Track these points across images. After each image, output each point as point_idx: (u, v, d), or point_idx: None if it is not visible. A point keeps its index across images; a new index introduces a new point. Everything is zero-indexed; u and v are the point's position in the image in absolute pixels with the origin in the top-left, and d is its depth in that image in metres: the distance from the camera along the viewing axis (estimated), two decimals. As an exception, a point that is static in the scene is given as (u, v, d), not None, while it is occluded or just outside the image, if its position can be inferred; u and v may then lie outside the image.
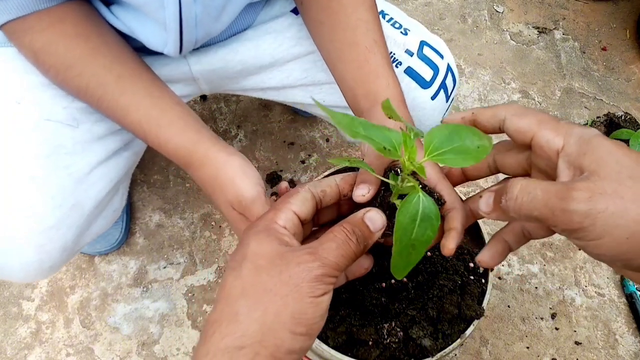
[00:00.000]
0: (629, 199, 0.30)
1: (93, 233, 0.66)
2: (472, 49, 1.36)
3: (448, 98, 0.73)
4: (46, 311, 0.96)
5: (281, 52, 0.70)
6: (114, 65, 0.55)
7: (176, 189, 1.10)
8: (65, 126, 0.60)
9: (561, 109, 1.27)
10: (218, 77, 0.73)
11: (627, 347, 0.98)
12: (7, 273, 0.59)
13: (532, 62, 1.34)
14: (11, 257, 0.56)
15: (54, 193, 0.57)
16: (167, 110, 0.56)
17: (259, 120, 1.20)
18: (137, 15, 0.58)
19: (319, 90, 0.73)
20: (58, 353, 0.92)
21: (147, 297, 0.98)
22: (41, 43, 0.53)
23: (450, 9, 1.42)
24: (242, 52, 0.69)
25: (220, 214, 0.51)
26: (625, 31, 1.42)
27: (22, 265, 0.58)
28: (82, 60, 0.54)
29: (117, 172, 0.66)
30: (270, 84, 0.74)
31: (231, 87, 0.76)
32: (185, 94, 0.75)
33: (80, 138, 0.61)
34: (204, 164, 0.54)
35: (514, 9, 1.43)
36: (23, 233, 0.55)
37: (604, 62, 1.36)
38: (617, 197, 0.30)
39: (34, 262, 0.58)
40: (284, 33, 0.69)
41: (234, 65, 0.70)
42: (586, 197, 0.30)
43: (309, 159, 1.15)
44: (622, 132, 0.99)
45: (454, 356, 0.95)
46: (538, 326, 0.99)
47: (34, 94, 0.58)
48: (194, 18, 0.56)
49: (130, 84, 0.55)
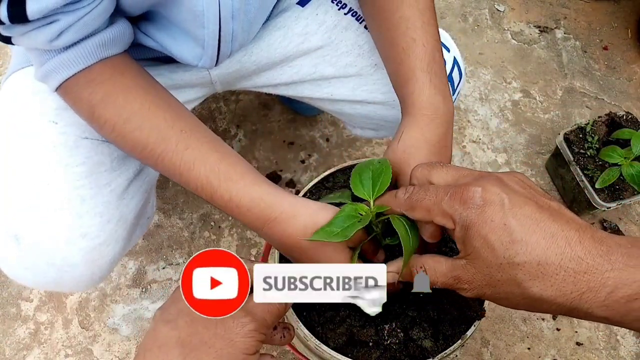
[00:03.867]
0: (498, 286, 0.39)
1: (133, 242, 0.69)
2: (473, 48, 1.35)
3: (454, 91, 0.73)
4: (45, 312, 0.95)
5: (291, 49, 0.70)
6: (175, 120, 0.52)
7: (175, 189, 1.09)
8: (102, 143, 0.61)
9: (562, 108, 1.27)
10: (233, 79, 0.73)
11: (628, 347, 0.98)
12: (59, 287, 0.61)
13: (533, 62, 1.34)
14: (65, 273, 0.58)
15: (101, 210, 0.59)
16: (236, 165, 0.53)
17: (258, 120, 1.19)
18: (172, 33, 0.58)
19: (327, 84, 0.73)
20: (57, 354, 0.92)
21: (146, 298, 0.97)
22: (101, 95, 0.51)
23: (451, 7, 1.42)
24: (256, 53, 0.69)
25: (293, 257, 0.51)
26: (627, 30, 1.41)
27: (74, 279, 0.60)
28: (142, 113, 0.51)
29: (149, 182, 0.68)
30: (280, 80, 0.74)
31: (243, 85, 0.77)
32: (201, 95, 0.76)
33: (116, 154, 0.62)
34: (295, 215, 0.50)
35: (515, 8, 1.43)
36: (76, 251, 0.57)
37: (605, 62, 1.36)
38: (489, 286, 0.40)
39: (86, 276, 0.60)
40: (293, 29, 0.69)
41: (248, 66, 0.70)
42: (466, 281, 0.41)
43: (309, 158, 1.15)
44: (624, 131, 0.99)
45: (454, 357, 0.95)
46: (539, 327, 0.99)
47: (69, 113, 0.58)
48: (230, 34, 0.57)
49: (194, 139, 0.52)
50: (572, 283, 0.36)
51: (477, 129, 1.22)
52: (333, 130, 1.19)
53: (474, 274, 0.40)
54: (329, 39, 0.70)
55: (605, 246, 0.36)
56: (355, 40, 0.70)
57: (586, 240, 0.37)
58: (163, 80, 0.67)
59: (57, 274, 0.58)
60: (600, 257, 0.36)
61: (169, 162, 0.51)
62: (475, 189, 0.40)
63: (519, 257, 0.37)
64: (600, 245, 0.37)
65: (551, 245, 0.37)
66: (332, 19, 0.69)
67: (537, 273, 0.37)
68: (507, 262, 0.38)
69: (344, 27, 0.70)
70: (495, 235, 0.38)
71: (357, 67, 0.71)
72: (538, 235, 0.37)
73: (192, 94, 0.73)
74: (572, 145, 1.04)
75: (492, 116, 1.25)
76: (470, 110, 1.25)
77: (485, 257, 0.39)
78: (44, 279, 0.59)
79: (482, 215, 0.39)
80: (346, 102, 0.74)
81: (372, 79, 0.71)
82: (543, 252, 0.37)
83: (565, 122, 1.24)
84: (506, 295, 0.39)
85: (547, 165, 1.17)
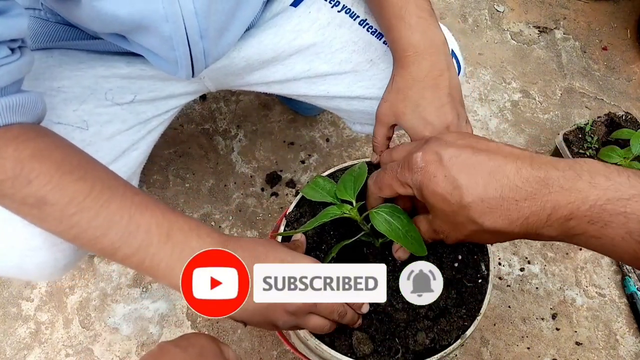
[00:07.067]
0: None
1: None
2: (473, 49, 1.35)
3: None
4: (45, 311, 0.96)
5: (282, 46, 0.70)
6: (113, 174, 0.51)
7: (176, 189, 1.09)
8: (76, 129, 0.61)
9: (562, 108, 1.27)
10: (222, 75, 0.73)
11: (627, 347, 0.98)
12: (23, 273, 0.60)
13: (532, 62, 1.34)
14: (27, 258, 0.57)
15: None
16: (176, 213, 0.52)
17: (258, 120, 1.19)
18: (145, 52, 0.60)
19: (322, 82, 0.73)
20: (57, 353, 0.92)
21: (146, 298, 0.98)
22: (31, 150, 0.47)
23: (450, 8, 1.42)
24: (245, 49, 0.69)
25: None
26: (626, 31, 1.42)
27: (37, 265, 0.58)
28: (84, 167, 0.49)
29: (126, 171, 0.67)
30: (274, 78, 0.74)
31: (236, 83, 0.77)
32: (191, 91, 0.75)
33: (90, 140, 0.62)
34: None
35: (515, 9, 1.43)
36: (37, 234, 0.55)
37: (604, 62, 1.36)
38: (457, 231, 0.46)
39: (49, 261, 0.58)
40: (284, 27, 0.69)
41: (237, 62, 0.70)
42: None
43: (309, 159, 1.15)
44: (623, 131, 0.99)
45: (454, 356, 0.95)
46: (539, 327, 0.99)
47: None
48: (202, 52, 0.58)
49: (138, 190, 0.51)
50: (515, 210, 0.40)
51: (477, 129, 1.23)
52: (333, 130, 1.19)
53: (441, 223, 0.46)
54: (322, 36, 0.70)
55: (543, 171, 0.40)
56: (350, 36, 0.70)
57: (524, 169, 0.41)
58: (149, 71, 0.67)
59: (19, 259, 0.57)
60: (537, 183, 0.40)
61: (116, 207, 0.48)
62: (417, 154, 0.45)
63: (465, 199, 0.42)
64: (538, 172, 0.40)
65: (490, 181, 0.41)
66: (325, 16, 0.70)
67: (484, 209, 0.41)
68: (458, 207, 0.42)
69: (338, 24, 0.70)
70: (441, 187, 0.43)
71: (352, 63, 0.71)
72: (476, 176, 0.42)
73: (180, 87, 0.73)
74: (572, 145, 1.04)
75: (492, 116, 1.25)
76: (470, 111, 1.25)
77: (442, 207, 0.44)
78: (6, 263, 0.57)
79: (426, 175, 0.44)
80: (343, 98, 0.74)
81: (367, 74, 0.71)
82: (483, 190, 0.41)
83: (564, 122, 1.25)
84: (473, 233, 0.44)
85: (547, 166, 1.17)
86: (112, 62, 0.66)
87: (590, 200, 0.37)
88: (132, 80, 0.67)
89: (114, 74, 0.66)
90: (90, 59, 0.65)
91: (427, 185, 0.44)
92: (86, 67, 0.65)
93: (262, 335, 0.95)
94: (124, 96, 0.67)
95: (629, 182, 0.37)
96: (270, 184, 1.10)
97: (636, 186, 0.36)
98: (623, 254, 0.37)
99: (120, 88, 0.66)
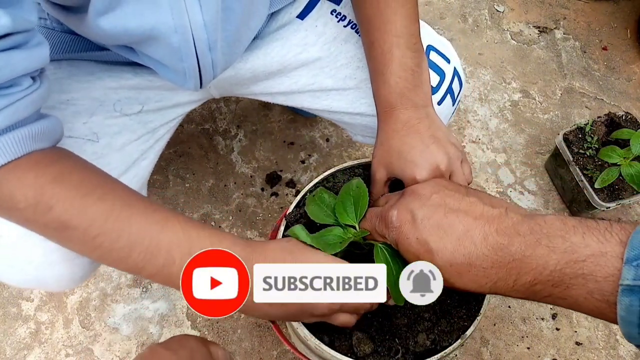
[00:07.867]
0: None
1: None
2: (473, 49, 1.35)
3: (454, 101, 0.73)
4: (45, 311, 0.96)
5: (289, 59, 0.70)
6: (134, 192, 0.51)
7: (175, 189, 1.09)
8: (87, 142, 0.61)
9: (562, 108, 1.27)
10: (228, 84, 0.73)
11: (627, 347, 0.98)
12: (41, 285, 0.61)
13: (532, 62, 1.34)
14: (45, 271, 0.58)
15: None
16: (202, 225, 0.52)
17: (258, 120, 1.19)
18: (153, 63, 0.59)
19: (325, 96, 0.73)
20: (57, 353, 0.92)
21: (146, 298, 0.98)
22: (52, 175, 0.47)
23: (450, 8, 1.42)
24: (252, 61, 0.69)
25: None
26: (626, 31, 1.42)
27: (55, 278, 0.59)
28: (102, 187, 0.49)
29: (137, 181, 0.68)
30: (278, 90, 0.74)
31: (240, 92, 0.77)
32: (197, 99, 0.76)
33: (101, 152, 0.62)
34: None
35: (515, 9, 1.43)
36: (54, 249, 0.56)
37: (604, 62, 1.36)
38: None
39: (66, 274, 0.59)
40: (291, 40, 0.69)
41: (243, 73, 0.70)
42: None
43: (309, 159, 1.15)
44: (623, 132, 0.99)
45: (454, 356, 0.95)
46: (539, 326, 0.99)
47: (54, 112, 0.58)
48: (210, 64, 0.58)
49: (157, 206, 0.51)
50: (483, 277, 0.42)
51: (477, 129, 1.23)
52: (333, 130, 1.19)
53: None
54: (328, 51, 0.70)
55: (507, 238, 0.41)
56: (355, 52, 0.70)
57: (490, 237, 0.42)
58: (157, 82, 0.67)
59: (36, 272, 0.58)
60: (501, 250, 0.41)
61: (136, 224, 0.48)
62: (392, 213, 0.47)
63: (436, 262, 0.44)
64: (502, 239, 0.41)
65: (458, 247, 0.42)
66: (331, 31, 0.70)
67: (453, 272, 0.43)
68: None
69: (344, 39, 0.70)
70: (414, 248, 0.45)
71: (357, 79, 0.70)
72: (446, 241, 0.43)
73: (186, 96, 0.73)
74: (572, 145, 1.04)
75: (492, 116, 1.25)
76: (470, 111, 1.25)
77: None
78: (25, 276, 0.58)
79: (400, 235, 0.46)
80: (346, 114, 0.74)
81: (371, 92, 0.71)
82: (452, 255, 0.43)
83: (564, 122, 1.25)
84: (452, 286, 0.45)
85: (547, 166, 1.17)
86: (120, 72, 0.66)
87: (551, 266, 0.38)
88: (139, 90, 0.67)
89: (122, 85, 0.66)
90: (99, 70, 0.65)
91: (402, 244, 0.46)
92: (94, 79, 0.64)
93: (262, 335, 0.95)
94: (132, 107, 0.67)
95: (584, 242, 0.37)
96: (270, 184, 1.10)
97: (590, 245, 0.37)
98: (589, 312, 0.38)
99: (128, 99, 0.66)
